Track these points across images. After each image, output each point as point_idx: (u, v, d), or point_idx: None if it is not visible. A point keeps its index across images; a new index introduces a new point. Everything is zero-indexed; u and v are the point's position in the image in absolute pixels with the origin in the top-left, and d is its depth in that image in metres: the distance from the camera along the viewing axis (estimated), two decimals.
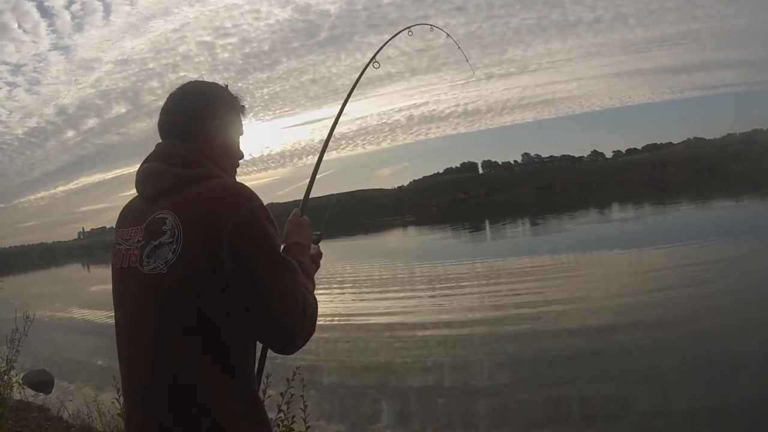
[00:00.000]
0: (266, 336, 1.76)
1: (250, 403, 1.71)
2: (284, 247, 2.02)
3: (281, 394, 4.00)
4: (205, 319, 1.62)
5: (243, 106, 2.02)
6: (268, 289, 1.66)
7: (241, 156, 2.03)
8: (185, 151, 1.81)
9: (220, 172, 1.83)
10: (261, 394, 1.89)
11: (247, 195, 1.71)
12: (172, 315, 1.63)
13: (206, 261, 1.61)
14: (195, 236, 1.63)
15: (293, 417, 4.09)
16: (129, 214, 1.85)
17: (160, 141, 1.91)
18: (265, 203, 1.75)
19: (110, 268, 1.87)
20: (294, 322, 1.70)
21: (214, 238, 1.61)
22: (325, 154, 2.59)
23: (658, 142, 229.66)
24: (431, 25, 3.70)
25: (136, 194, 1.88)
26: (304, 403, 4.17)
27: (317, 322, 1.84)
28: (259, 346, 1.83)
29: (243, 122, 2.03)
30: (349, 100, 2.85)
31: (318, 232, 2.29)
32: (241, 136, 2.02)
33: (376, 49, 2.98)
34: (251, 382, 1.74)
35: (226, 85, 2.01)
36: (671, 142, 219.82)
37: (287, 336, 1.73)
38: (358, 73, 2.92)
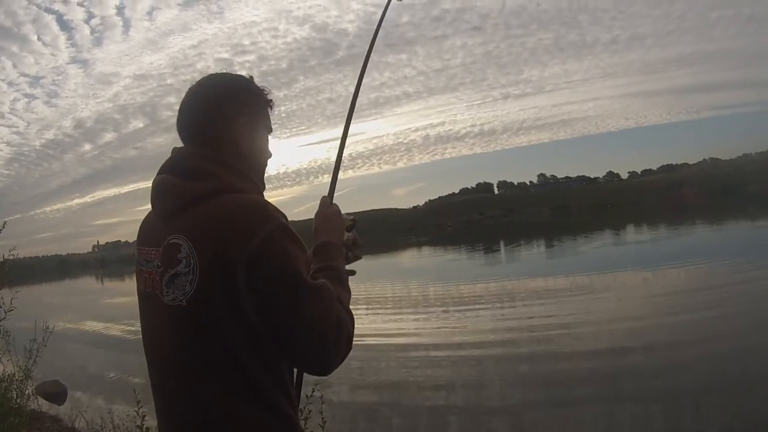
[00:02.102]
0: (300, 363, 1.70)
1: (290, 429, 1.63)
2: (314, 249, 1.88)
3: (300, 409, 3.95)
4: (229, 352, 1.53)
5: (270, 100, 1.85)
6: (296, 319, 1.54)
7: (269, 155, 1.88)
8: (199, 160, 1.68)
9: (238, 182, 1.66)
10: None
11: (263, 215, 1.56)
12: (195, 348, 1.56)
13: (224, 294, 1.50)
14: (210, 267, 1.51)
15: None
16: (148, 231, 1.75)
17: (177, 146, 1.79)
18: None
19: (135, 286, 1.79)
20: (328, 347, 1.58)
21: (230, 268, 1.49)
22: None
23: (674, 163, 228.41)
24: None
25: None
26: (323, 419, 4.14)
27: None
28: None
29: (271, 118, 1.88)
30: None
31: (352, 217, 2.09)
32: (269, 134, 1.87)
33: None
34: (287, 410, 1.63)
35: (251, 77, 1.83)
36: (687, 163, 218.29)
37: (322, 362, 1.61)
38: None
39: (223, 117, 1.73)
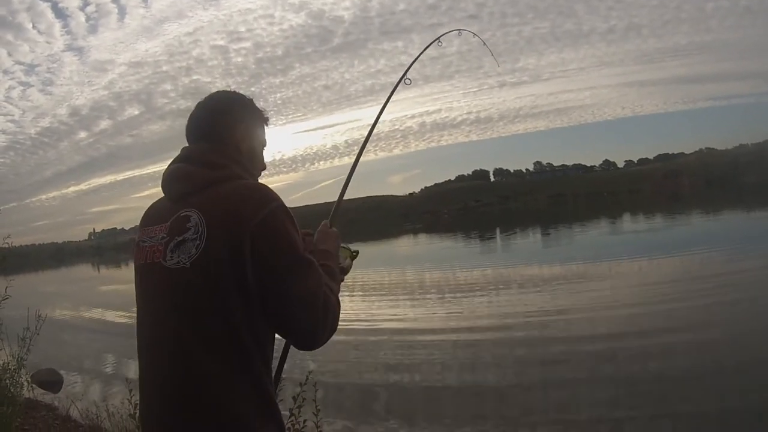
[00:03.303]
0: (288, 333, 1.81)
1: (265, 402, 1.73)
2: (312, 254, 2.02)
3: (293, 397, 3.97)
4: (226, 315, 1.66)
5: (267, 118, 2.09)
6: (289, 287, 1.69)
7: (264, 167, 2.09)
8: (211, 154, 1.87)
9: (245, 174, 1.89)
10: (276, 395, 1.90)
11: (268, 195, 1.75)
12: (193, 310, 1.68)
13: (229, 258, 1.65)
14: (218, 234, 1.67)
15: (305, 421, 4.06)
16: (154, 213, 1.90)
17: (186, 145, 1.98)
18: None
19: (133, 267, 1.91)
20: (315, 319, 1.74)
21: (237, 236, 1.65)
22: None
23: (670, 152, 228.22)
24: (459, 30, 3.76)
25: (162, 195, 1.94)
26: (316, 407, 4.14)
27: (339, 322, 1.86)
28: (278, 346, 1.88)
29: (266, 134, 2.11)
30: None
31: (356, 251, 2.35)
32: (264, 148, 2.09)
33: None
34: (267, 382, 1.76)
35: (251, 99, 2.06)
36: (683, 152, 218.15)
37: (309, 333, 1.77)
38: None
39: (227, 123, 1.95)
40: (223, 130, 1.93)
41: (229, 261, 1.65)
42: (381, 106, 2.97)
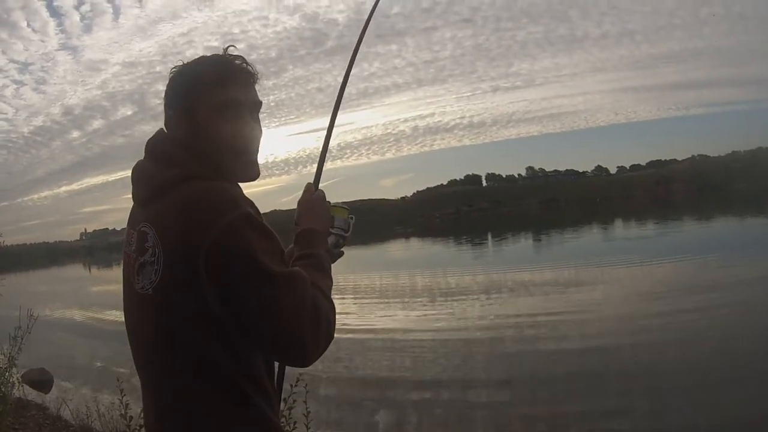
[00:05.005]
0: (273, 354, 1.66)
1: (261, 424, 1.60)
2: (295, 237, 1.86)
3: (284, 400, 3.97)
4: (197, 342, 1.53)
5: (243, 68, 1.74)
6: (263, 309, 1.50)
7: (247, 137, 1.74)
8: (167, 146, 1.69)
9: (204, 169, 1.62)
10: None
11: (222, 207, 1.51)
12: (164, 337, 1.57)
13: (186, 284, 1.49)
14: (173, 257, 1.52)
15: (295, 423, 4.08)
16: (132, 214, 1.74)
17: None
18: (267, 210, 1.58)
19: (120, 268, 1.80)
20: (304, 335, 1.54)
21: (192, 259, 1.47)
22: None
23: (663, 159, 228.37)
24: None
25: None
26: (306, 409, 4.15)
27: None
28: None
29: (256, 90, 1.79)
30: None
31: (352, 218, 2.05)
32: (248, 109, 1.74)
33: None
34: (263, 405, 1.61)
35: (227, 48, 1.76)
36: (675, 159, 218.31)
37: (296, 352, 1.58)
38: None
39: (185, 101, 1.70)
40: (177, 116, 1.70)
41: (187, 286, 1.49)
42: (367, 19, 2.60)
